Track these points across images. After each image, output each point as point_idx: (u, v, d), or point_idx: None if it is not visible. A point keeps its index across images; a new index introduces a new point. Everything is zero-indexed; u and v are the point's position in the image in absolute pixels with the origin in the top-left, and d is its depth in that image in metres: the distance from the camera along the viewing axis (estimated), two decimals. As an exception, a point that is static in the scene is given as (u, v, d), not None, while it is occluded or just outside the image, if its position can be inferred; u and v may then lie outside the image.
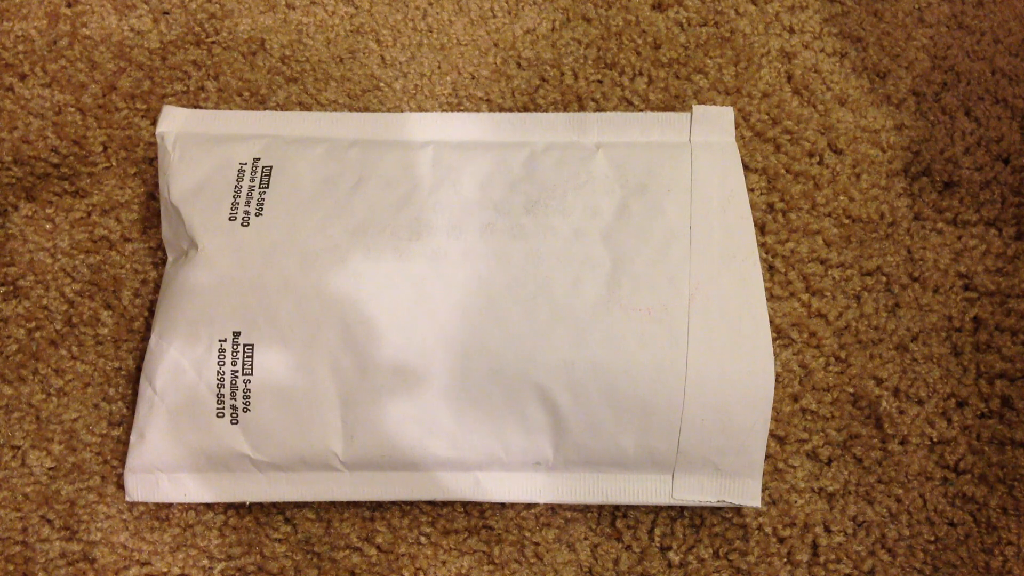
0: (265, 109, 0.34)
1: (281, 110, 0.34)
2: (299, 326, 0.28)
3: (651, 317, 0.28)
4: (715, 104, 0.35)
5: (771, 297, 0.32)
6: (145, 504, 0.30)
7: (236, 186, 0.30)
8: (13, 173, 0.33)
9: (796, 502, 0.31)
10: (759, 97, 0.35)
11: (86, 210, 0.33)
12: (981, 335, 0.32)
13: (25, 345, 0.32)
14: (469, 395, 0.28)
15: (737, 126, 0.34)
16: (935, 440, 0.31)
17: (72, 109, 0.34)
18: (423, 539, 0.30)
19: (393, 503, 0.30)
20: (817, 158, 0.34)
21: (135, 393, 0.31)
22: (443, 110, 0.35)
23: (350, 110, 0.35)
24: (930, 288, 0.33)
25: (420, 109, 0.35)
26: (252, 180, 0.30)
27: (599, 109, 0.35)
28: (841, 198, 0.33)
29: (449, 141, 0.31)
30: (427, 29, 0.36)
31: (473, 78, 0.35)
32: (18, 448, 0.31)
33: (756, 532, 0.30)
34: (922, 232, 0.33)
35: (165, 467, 0.29)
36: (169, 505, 0.30)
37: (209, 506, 0.30)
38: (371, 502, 0.30)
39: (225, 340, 0.28)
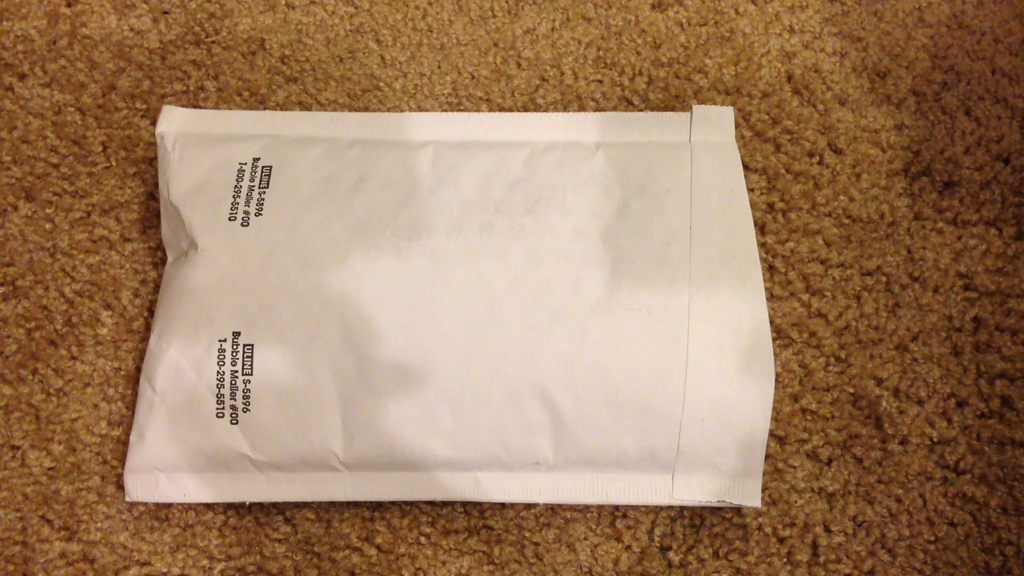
0: (265, 109, 0.34)
1: (281, 110, 0.34)
2: (299, 326, 0.28)
3: (651, 317, 0.28)
4: (715, 104, 0.35)
5: (771, 297, 0.32)
6: (145, 504, 0.30)
7: (236, 186, 0.30)
8: (13, 173, 0.33)
9: (796, 502, 0.31)
10: (759, 97, 0.35)
11: (86, 210, 0.33)
12: (981, 335, 0.32)
13: (25, 345, 0.32)
14: (469, 395, 0.28)
15: (737, 126, 0.34)
16: (935, 440, 0.31)
17: (72, 109, 0.34)
18: (423, 539, 0.30)
19: (393, 503, 0.30)
20: (817, 158, 0.34)
21: (135, 393, 0.31)
22: (443, 110, 0.35)
23: (350, 110, 0.34)
24: (930, 288, 0.33)
25: (420, 109, 0.35)
26: (252, 180, 0.30)
27: (599, 109, 0.35)
28: (841, 198, 0.33)
29: (449, 141, 0.31)
30: (427, 29, 0.36)
31: (473, 78, 0.35)
32: (18, 448, 0.31)
33: (756, 532, 0.30)
34: (922, 232, 0.33)
35: (165, 467, 0.29)
36: (169, 505, 0.30)
37: (209, 506, 0.30)
38: (371, 502, 0.30)
39: (225, 340, 0.28)
